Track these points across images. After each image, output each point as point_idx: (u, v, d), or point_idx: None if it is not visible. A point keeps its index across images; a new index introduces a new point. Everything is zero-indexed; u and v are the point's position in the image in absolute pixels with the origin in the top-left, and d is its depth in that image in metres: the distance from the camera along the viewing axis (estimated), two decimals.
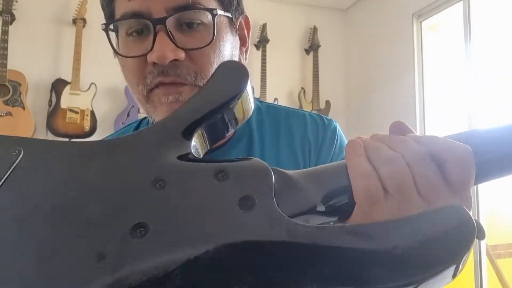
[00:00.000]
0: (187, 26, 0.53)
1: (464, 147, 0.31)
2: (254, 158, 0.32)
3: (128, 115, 2.87)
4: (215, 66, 0.54)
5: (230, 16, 0.57)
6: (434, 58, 2.89)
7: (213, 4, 0.55)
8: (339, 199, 0.32)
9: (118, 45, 0.60)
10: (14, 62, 2.68)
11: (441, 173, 0.31)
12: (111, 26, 0.57)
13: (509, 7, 2.39)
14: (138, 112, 2.92)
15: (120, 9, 0.54)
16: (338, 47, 3.63)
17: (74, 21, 2.90)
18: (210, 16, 0.53)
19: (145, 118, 0.71)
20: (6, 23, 2.71)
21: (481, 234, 0.28)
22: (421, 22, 2.96)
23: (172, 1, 0.51)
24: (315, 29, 3.53)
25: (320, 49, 3.48)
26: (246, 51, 0.64)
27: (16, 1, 2.79)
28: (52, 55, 2.92)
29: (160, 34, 0.51)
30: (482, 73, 2.43)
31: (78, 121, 2.76)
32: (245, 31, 0.63)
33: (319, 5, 3.61)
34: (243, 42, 0.63)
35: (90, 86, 2.90)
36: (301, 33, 3.54)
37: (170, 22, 0.51)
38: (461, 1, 2.60)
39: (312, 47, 3.49)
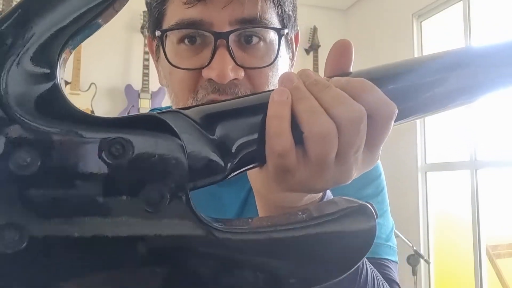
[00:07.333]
0: (246, 41, 0.49)
1: (393, 106, 0.29)
2: (156, 116, 0.25)
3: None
4: (271, 87, 0.51)
5: (288, 33, 0.54)
6: None
7: (275, 20, 0.51)
8: (250, 150, 0.28)
9: (157, 46, 0.56)
10: None
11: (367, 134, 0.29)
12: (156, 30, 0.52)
13: (509, 8, 2.39)
14: (138, 112, 2.92)
15: (176, 14, 0.49)
16: None
17: None
18: (272, 34, 0.50)
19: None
20: None
21: None
22: (421, 22, 2.96)
23: (238, 12, 0.47)
24: (315, 29, 3.53)
25: (320, 49, 3.48)
26: (292, 66, 0.61)
27: (16, 1, 2.78)
28: None
29: (220, 50, 0.47)
30: None
31: None
32: (294, 46, 0.61)
33: (319, 5, 3.61)
34: (291, 59, 0.60)
35: (90, 86, 2.90)
36: (301, 33, 3.52)
37: (232, 37, 0.48)
38: (461, 1, 2.61)
39: (312, 47, 3.49)
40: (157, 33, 0.51)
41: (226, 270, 0.24)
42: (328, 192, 0.38)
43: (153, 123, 0.25)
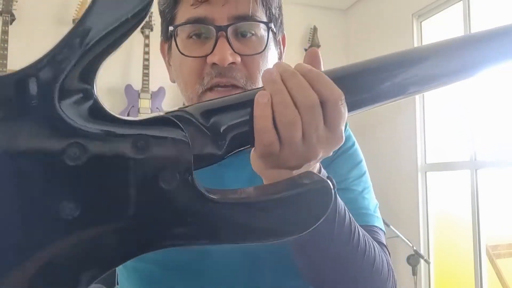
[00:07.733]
0: (242, 35, 0.61)
1: (339, 91, 0.37)
2: (165, 116, 0.33)
3: (128, 115, 2.87)
4: (261, 72, 0.59)
5: (275, 31, 0.65)
6: None
7: (264, 19, 0.63)
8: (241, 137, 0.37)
9: (169, 46, 0.68)
10: (14, 62, 2.68)
11: (323, 116, 0.38)
12: (170, 28, 0.64)
13: (509, 8, 2.39)
14: (138, 112, 2.92)
15: (184, 14, 0.62)
16: (338, 47, 3.63)
17: (74, 21, 2.90)
18: (263, 29, 0.63)
19: None
20: (6, 23, 2.71)
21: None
22: (421, 22, 2.96)
23: (234, 10, 0.60)
24: (315, 29, 3.53)
25: (320, 49, 3.47)
26: None
27: (16, 1, 2.79)
28: None
29: (221, 40, 0.59)
30: None
31: None
32: (282, 47, 0.72)
33: (319, 5, 3.61)
34: (279, 57, 0.71)
35: None
36: (301, 33, 3.54)
37: (230, 30, 0.59)
38: (461, 1, 2.61)
39: (312, 47, 3.49)
40: (170, 28, 0.63)
41: (219, 229, 0.33)
42: (323, 171, 0.48)
43: (164, 122, 0.33)
